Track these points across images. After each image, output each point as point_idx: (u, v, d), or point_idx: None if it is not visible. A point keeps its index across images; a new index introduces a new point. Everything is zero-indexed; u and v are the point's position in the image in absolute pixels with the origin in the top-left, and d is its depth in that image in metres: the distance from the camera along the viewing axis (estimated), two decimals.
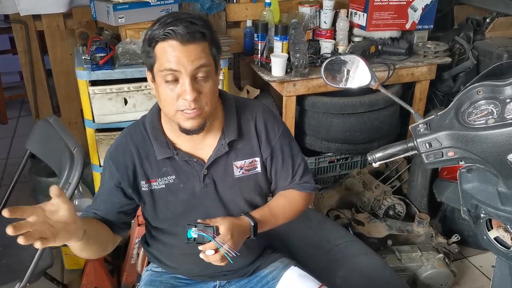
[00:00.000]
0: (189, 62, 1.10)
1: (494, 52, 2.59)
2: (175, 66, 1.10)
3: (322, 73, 1.30)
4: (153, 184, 1.26)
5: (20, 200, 2.78)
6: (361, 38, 2.62)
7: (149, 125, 1.27)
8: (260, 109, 1.34)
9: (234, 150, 1.28)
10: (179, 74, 1.11)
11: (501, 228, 1.06)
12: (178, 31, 1.08)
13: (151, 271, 1.45)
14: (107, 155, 1.29)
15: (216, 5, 2.60)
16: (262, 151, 1.31)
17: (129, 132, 1.29)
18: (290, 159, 1.36)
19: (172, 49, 1.09)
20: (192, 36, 1.09)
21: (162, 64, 1.11)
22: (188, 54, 1.10)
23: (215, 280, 1.41)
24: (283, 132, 1.35)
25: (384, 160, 1.14)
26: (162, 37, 1.09)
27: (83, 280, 2.08)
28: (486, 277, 2.32)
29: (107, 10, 2.16)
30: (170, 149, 1.25)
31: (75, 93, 2.68)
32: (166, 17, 1.12)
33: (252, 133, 1.30)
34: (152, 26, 1.13)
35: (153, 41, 1.11)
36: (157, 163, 1.25)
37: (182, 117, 1.15)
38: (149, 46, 1.13)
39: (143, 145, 1.26)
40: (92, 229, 1.16)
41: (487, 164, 0.98)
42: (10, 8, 2.59)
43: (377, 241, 2.27)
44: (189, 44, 1.10)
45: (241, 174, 1.30)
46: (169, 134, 1.26)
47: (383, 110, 2.49)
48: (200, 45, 1.11)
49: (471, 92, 0.99)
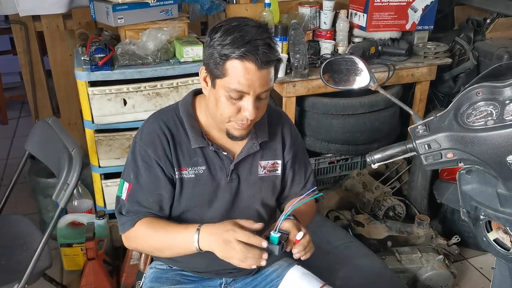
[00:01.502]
0: (260, 86, 1.12)
1: (494, 53, 2.58)
2: (245, 89, 1.11)
3: (321, 74, 1.30)
4: (183, 172, 1.27)
5: (19, 200, 2.79)
6: (361, 39, 2.62)
7: (185, 113, 1.28)
8: (285, 116, 1.42)
9: (261, 150, 1.33)
10: (246, 94, 1.13)
11: (501, 230, 1.06)
12: (258, 55, 1.08)
13: (155, 269, 1.44)
14: (140, 144, 1.26)
15: (216, 6, 2.60)
16: (284, 155, 1.37)
17: (160, 118, 1.28)
18: (304, 166, 1.43)
19: (247, 71, 1.09)
20: (269, 63, 1.11)
21: (232, 83, 1.11)
22: (261, 78, 1.11)
23: (221, 277, 1.42)
24: (301, 141, 1.45)
25: (383, 161, 1.14)
26: (239, 56, 1.08)
27: (82, 281, 2.07)
28: (486, 279, 2.31)
29: (107, 11, 2.16)
30: (205, 139, 1.27)
31: (74, 94, 2.68)
32: (241, 32, 1.09)
33: (278, 137, 1.36)
34: (224, 34, 1.10)
35: (228, 57, 1.09)
36: (189, 151, 1.26)
37: (234, 126, 1.19)
38: (220, 58, 1.11)
39: (177, 132, 1.27)
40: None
41: (486, 166, 0.98)
42: (10, 8, 2.59)
43: (377, 242, 2.26)
44: (264, 69, 1.10)
45: (263, 174, 1.35)
46: (203, 124, 1.29)
47: (383, 111, 2.48)
48: (271, 69, 1.13)
49: (470, 93, 0.98)
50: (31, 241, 1.81)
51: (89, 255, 2.04)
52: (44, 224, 2.52)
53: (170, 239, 1.21)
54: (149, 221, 1.25)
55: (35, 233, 1.87)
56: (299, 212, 1.33)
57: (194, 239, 1.16)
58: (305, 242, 1.16)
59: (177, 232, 1.20)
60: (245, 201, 1.34)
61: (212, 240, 1.14)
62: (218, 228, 1.14)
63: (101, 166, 2.27)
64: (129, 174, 1.27)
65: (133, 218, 1.25)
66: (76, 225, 2.26)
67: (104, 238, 2.18)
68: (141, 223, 1.25)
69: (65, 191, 1.57)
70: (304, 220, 1.34)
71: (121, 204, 1.29)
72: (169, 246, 1.23)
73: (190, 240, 1.16)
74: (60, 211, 1.63)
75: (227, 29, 1.11)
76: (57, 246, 2.25)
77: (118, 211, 1.30)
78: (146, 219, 1.26)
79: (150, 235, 1.24)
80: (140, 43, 2.16)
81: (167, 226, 1.23)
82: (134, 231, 1.26)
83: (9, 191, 1.96)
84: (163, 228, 1.23)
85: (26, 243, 1.81)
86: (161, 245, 1.24)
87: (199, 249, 1.16)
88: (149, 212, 1.27)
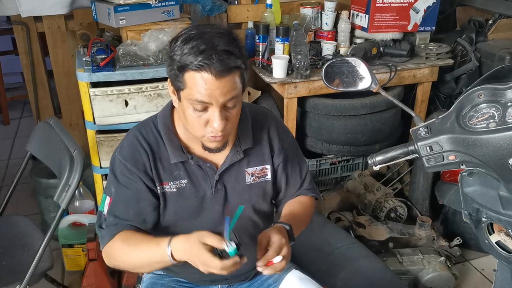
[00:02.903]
0: (222, 96, 1.07)
1: (496, 54, 2.57)
2: (207, 99, 1.07)
3: (323, 76, 1.29)
4: (165, 187, 1.24)
5: (21, 201, 2.79)
6: (362, 40, 2.62)
7: (163, 127, 1.24)
8: (272, 117, 1.36)
9: (246, 157, 1.29)
10: (209, 105, 1.09)
11: (503, 232, 1.06)
12: (213, 65, 1.03)
13: (152, 274, 1.44)
14: (119, 159, 1.23)
15: (217, 7, 2.60)
16: (274, 159, 1.33)
17: (139, 132, 1.25)
18: (298, 166, 1.39)
19: (205, 82, 1.05)
20: (228, 70, 1.05)
21: (192, 94, 1.07)
22: (222, 87, 1.06)
23: (216, 284, 1.41)
24: (291, 140, 1.39)
25: (384, 163, 1.14)
26: (194, 68, 1.04)
27: (83, 282, 2.07)
28: (488, 280, 2.31)
29: (108, 11, 2.16)
30: (185, 152, 1.23)
31: (76, 95, 2.68)
32: (198, 40, 1.04)
33: (265, 141, 1.32)
34: (182, 44, 1.06)
35: (184, 68, 1.06)
36: (169, 166, 1.23)
37: (208, 140, 1.16)
38: (178, 70, 1.07)
39: (156, 147, 1.24)
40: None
41: (488, 168, 0.98)
42: (12, 9, 2.59)
43: (378, 244, 2.26)
44: (223, 77, 1.05)
45: (252, 181, 1.31)
46: (182, 137, 1.25)
47: (385, 112, 2.48)
48: (233, 76, 1.07)
49: (472, 95, 0.98)
50: (32, 242, 1.82)
51: (90, 256, 2.04)
52: (46, 224, 2.53)
53: (145, 257, 1.16)
54: (125, 236, 1.20)
55: (37, 234, 1.87)
56: (294, 215, 1.32)
57: (168, 254, 1.11)
58: (279, 267, 1.11)
59: (150, 248, 1.15)
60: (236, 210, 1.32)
61: (183, 254, 1.10)
62: (187, 244, 1.09)
63: (103, 167, 2.27)
64: (110, 188, 1.24)
65: (112, 230, 1.21)
66: (78, 226, 2.26)
67: None
68: (117, 237, 1.20)
69: (67, 192, 1.58)
70: (300, 223, 1.32)
71: (102, 219, 1.25)
72: (146, 263, 1.18)
73: (164, 255, 1.11)
74: (62, 212, 1.63)
75: (185, 38, 1.06)
76: (59, 247, 2.25)
77: (99, 226, 1.25)
78: (124, 233, 1.20)
79: (124, 253, 1.19)
80: (141, 44, 2.16)
81: (140, 242, 1.18)
82: (110, 246, 1.21)
83: (11, 191, 1.96)
84: (136, 245, 1.17)
85: (28, 244, 1.81)
86: (139, 263, 1.19)
87: (174, 262, 1.12)
88: (129, 224, 1.22)
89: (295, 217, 1.30)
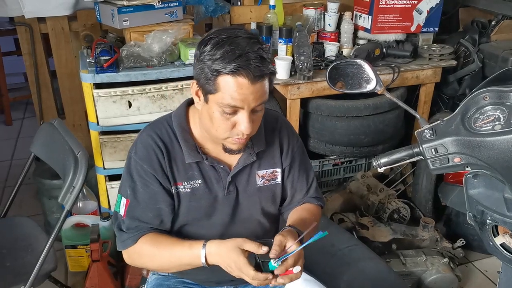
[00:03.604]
0: (254, 100, 1.09)
1: (499, 55, 2.57)
2: (239, 104, 1.08)
3: (327, 78, 1.29)
4: (179, 187, 1.24)
5: (24, 202, 2.79)
6: (365, 41, 2.61)
7: (178, 127, 1.25)
8: (282, 120, 1.37)
9: (258, 160, 1.30)
10: (240, 109, 1.10)
11: (507, 234, 1.06)
12: (250, 70, 1.04)
13: (157, 275, 1.44)
14: (135, 159, 1.23)
15: (220, 8, 2.61)
16: (282, 161, 1.33)
17: (153, 131, 1.25)
18: (305, 172, 1.39)
19: (240, 86, 1.06)
20: (262, 76, 1.07)
21: (225, 99, 1.08)
22: (255, 92, 1.08)
23: (222, 285, 1.41)
24: (300, 144, 1.39)
25: (389, 165, 1.14)
26: (230, 72, 1.05)
27: (86, 283, 2.07)
28: (492, 282, 2.30)
29: (112, 13, 2.16)
30: (199, 153, 1.24)
31: (79, 96, 2.69)
32: (232, 45, 1.05)
33: (276, 144, 1.32)
34: (213, 48, 1.06)
35: (219, 72, 1.06)
36: (184, 166, 1.24)
37: (231, 141, 1.16)
38: (211, 73, 1.07)
39: (171, 147, 1.24)
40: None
41: (494, 170, 0.97)
42: (15, 10, 2.60)
43: (381, 245, 2.26)
44: (257, 82, 1.07)
45: (262, 184, 1.32)
46: (197, 137, 1.26)
47: (388, 113, 2.48)
48: (265, 82, 1.10)
49: (478, 97, 0.98)
50: (36, 243, 1.82)
51: (93, 257, 2.05)
52: (49, 225, 2.53)
53: (176, 259, 1.20)
54: (152, 239, 1.22)
55: (40, 235, 1.87)
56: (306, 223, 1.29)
57: (201, 257, 1.15)
58: (294, 278, 1.11)
59: (183, 251, 1.18)
60: (244, 213, 1.31)
61: (218, 258, 1.14)
62: (224, 248, 1.12)
63: (106, 168, 2.28)
64: (126, 189, 1.24)
65: (135, 235, 1.22)
66: (81, 227, 2.26)
67: (109, 240, 2.19)
68: (143, 240, 1.22)
69: (71, 194, 1.58)
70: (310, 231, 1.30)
71: (120, 220, 1.26)
72: (176, 265, 1.22)
73: (197, 258, 1.15)
74: (66, 214, 1.63)
75: (216, 42, 1.07)
76: (62, 248, 2.26)
77: (118, 227, 1.26)
78: (149, 235, 1.23)
79: (154, 254, 1.21)
80: (145, 45, 2.16)
81: (171, 245, 1.21)
82: (137, 248, 1.23)
83: (15, 192, 1.97)
84: (168, 247, 1.20)
85: (32, 245, 1.82)
86: (167, 265, 1.23)
87: (205, 265, 1.16)
88: (150, 227, 1.24)
89: (306, 225, 1.28)
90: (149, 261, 1.24)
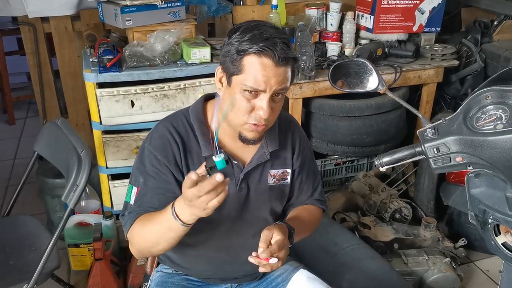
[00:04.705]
0: (276, 83, 1.12)
1: (501, 55, 2.57)
2: (262, 86, 1.11)
3: (330, 77, 1.29)
4: None
5: (27, 200, 2.80)
6: (367, 41, 2.62)
7: (196, 120, 1.26)
8: (295, 123, 1.41)
9: (271, 159, 1.31)
10: (261, 92, 1.12)
11: (509, 233, 1.06)
12: (276, 51, 1.08)
13: (161, 272, 1.44)
14: (149, 149, 1.23)
15: (223, 8, 2.61)
16: (293, 162, 1.36)
17: (170, 124, 1.26)
18: (313, 175, 1.42)
19: (264, 67, 1.09)
20: (287, 60, 1.11)
21: (248, 80, 1.11)
22: (278, 75, 1.11)
23: (226, 283, 1.42)
24: (310, 149, 1.43)
25: (391, 164, 1.14)
26: (257, 51, 1.09)
27: (89, 281, 2.08)
28: (493, 282, 2.30)
29: (115, 12, 2.17)
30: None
31: (82, 95, 2.70)
32: (260, 30, 1.10)
33: (288, 145, 1.35)
34: (242, 33, 1.11)
35: (245, 52, 1.10)
36: (199, 159, 1.24)
37: (248, 128, 1.17)
38: (237, 53, 1.11)
39: (187, 139, 1.25)
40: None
41: (496, 170, 0.98)
42: (19, 10, 2.61)
43: (383, 245, 2.26)
44: (281, 66, 1.11)
45: (273, 183, 1.33)
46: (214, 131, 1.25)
47: (390, 112, 2.48)
48: (288, 69, 1.13)
49: (480, 97, 0.98)
50: (39, 242, 1.83)
51: (96, 255, 2.05)
52: (52, 224, 2.54)
53: (157, 228, 1.12)
54: (140, 219, 1.18)
55: (44, 234, 1.88)
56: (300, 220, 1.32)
57: (172, 215, 1.05)
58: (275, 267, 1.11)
59: (159, 218, 1.10)
60: (253, 210, 1.32)
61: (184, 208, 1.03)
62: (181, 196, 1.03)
63: (109, 167, 2.29)
64: (138, 178, 1.24)
65: (132, 216, 1.20)
66: (84, 226, 2.27)
67: (111, 239, 2.19)
68: (136, 222, 1.19)
69: (74, 192, 1.59)
70: (303, 230, 1.32)
71: (128, 208, 1.25)
72: (160, 236, 1.13)
73: (171, 219, 1.06)
74: (69, 212, 1.64)
75: (246, 27, 1.12)
76: (65, 246, 2.26)
77: (122, 214, 1.26)
78: (142, 216, 1.19)
79: (142, 232, 1.17)
80: (147, 45, 2.17)
81: (152, 216, 1.15)
82: (132, 233, 1.20)
83: (18, 191, 1.97)
84: (149, 220, 1.15)
85: (35, 244, 1.82)
86: (154, 237, 1.15)
87: (184, 224, 1.05)
88: (150, 207, 1.20)
89: (300, 222, 1.30)
90: (140, 240, 1.19)
